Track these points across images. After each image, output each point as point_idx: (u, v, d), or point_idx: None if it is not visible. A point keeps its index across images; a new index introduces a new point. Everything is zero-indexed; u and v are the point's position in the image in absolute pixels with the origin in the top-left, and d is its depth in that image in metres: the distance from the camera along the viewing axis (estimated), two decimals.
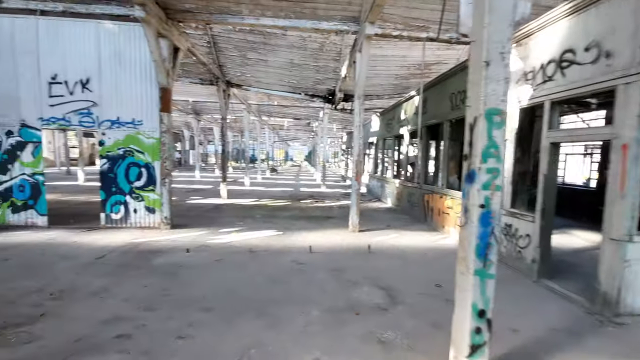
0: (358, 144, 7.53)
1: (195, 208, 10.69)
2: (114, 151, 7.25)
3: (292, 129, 36.20)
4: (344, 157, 27.53)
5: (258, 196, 14.31)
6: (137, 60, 7.19)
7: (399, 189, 11.55)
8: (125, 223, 7.40)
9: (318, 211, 10.73)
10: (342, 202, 13.13)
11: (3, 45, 6.95)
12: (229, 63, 11.69)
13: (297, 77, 12.15)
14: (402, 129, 11.18)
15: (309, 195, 15.00)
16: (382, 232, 7.79)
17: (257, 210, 10.48)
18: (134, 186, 7.33)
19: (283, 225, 8.30)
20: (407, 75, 12.20)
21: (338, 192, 17.08)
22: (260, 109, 22.52)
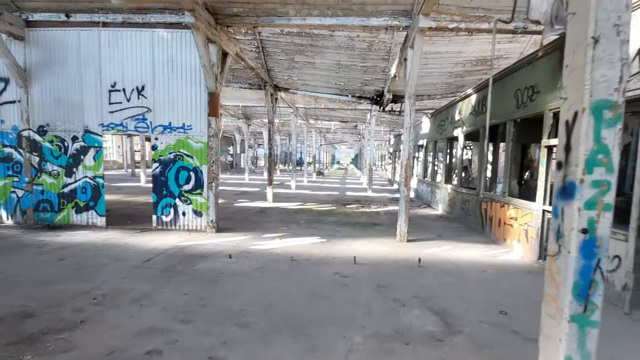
0: (408, 147, 7.02)
1: (241, 211, 10.79)
2: (166, 155, 7.47)
3: (339, 132, 35.98)
4: (391, 160, 26.68)
5: (303, 200, 14.20)
6: (188, 66, 7.35)
7: (452, 195, 10.73)
8: (174, 225, 7.58)
9: (364, 217, 10.30)
10: (389, 207, 12.55)
11: (70, 57, 7.48)
12: (276, 67, 11.71)
13: (344, 78, 11.85)
14: (456, 130, 10.38)
15: (355, 200, 14.59)
16: (433, 243, 7.18)
17: (302, 215, 10.31)
18: (183, 189, 7.49)
19: (327, 231, 8.00)
20: (462, 73, 11.35)
21: (385, 196, 16.45)
22: (307, 112, 22.58)
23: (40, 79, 7.59)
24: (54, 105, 7.61)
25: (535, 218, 5.95)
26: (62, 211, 7.75)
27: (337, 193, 17.60)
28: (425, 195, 14.52)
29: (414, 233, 7.96)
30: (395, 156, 23.94)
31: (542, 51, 5.49)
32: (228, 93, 18.40)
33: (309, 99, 18.03)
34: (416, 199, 15.64)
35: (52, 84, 7.57)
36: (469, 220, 9.06)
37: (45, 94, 7.60)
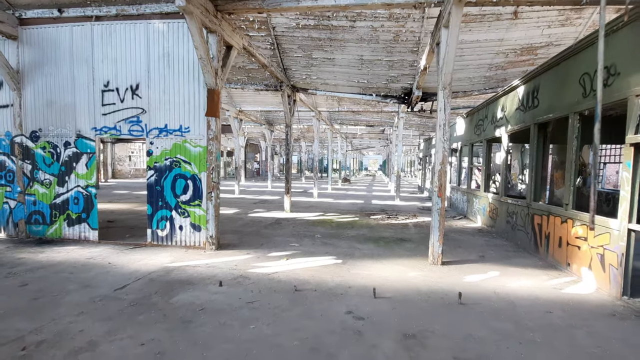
0: (442, 149, 5.74)
1: (254, 223, 9.83)
2: (161, 162, 6.63)
3: (366, 137, 34.67)
4: (421, 166, 25.03)
5: (324, 209, 13.07)
6: (185, 60, 6.50)
7: (493, 205, 9.21)
8: (170, 241, 6.69)
9: (390, 230, 9.01)
10: (418, 219, 11.15)
11: (63, 56, 6.87)
12: (293, 65, 10.76)
13: (367, 75, 10.69)
14: (498, 130, 8.91)
15: (381, 210, 13.27)
16: (474, 267, 5.81)
17: (319, 228, 9.18)
18: (180, 200, 6.60)
19: (344, 249, 6.82)
20: (503, 65, 9.87)
21: (414, 206, 14.99)
22: (331, 117, 21.55)
23: (33, 80, 7.02)
24: (47, 109, 7.01)
25: (617, 240, 4.48)
26: (54, 224, 7.09)
27: (362, 202, 16.33)
28: (460, 205, 12.96)
29: (450, 252, 6.61)
30: (426, 161, 22.33)
31: (628, 16, 4.09)
32: (248, 97, 17.76)
33: (331, 101, 17.01)
34: (450, 209, 14.07)
35: (45, 85, 6.98)
36: (517, 236, 7.55)
37: (38, 96, 7.03)
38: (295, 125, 24.41)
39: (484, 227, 9.88)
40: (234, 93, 16.97)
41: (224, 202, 14.83)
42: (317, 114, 17.17)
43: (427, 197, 19.72)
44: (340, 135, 28.82)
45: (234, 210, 12.13)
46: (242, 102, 18.14)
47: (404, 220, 10.78)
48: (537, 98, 6.83)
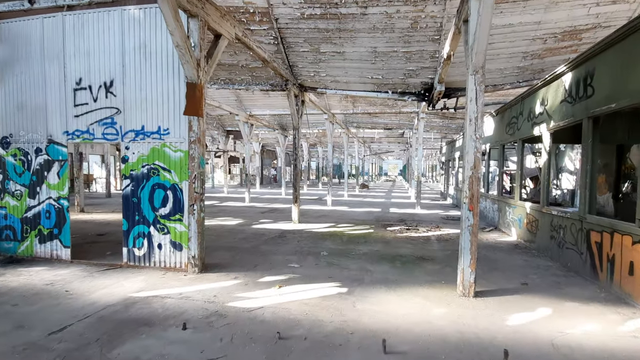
0: (473, 150, 4.52)
1: (255, 236, 8.81)
2: (138, 169, 5.72)
3: (384, 141, 33.33)
4: (443, 170, 23.48)
5: (336, 219, 11.93)
6: (164, 51, 5.60)
7: (533, 216, 7.81)
8: (148, 261, 5.75)
9: (408, 246, 7.77)
10: (442, 231, 9.83)
11: (34, 52, 6.12)
12: (299, 62, 9.77)
13: (382, 70, 9.55)
14: (536, 127, 7.55)
15: (399, 220, 11.99)
16: (517, 300, 4.53)
17: (327, 242, 8.05)
18: (158, 214, 5.66)
19: (353, 272, 5.67)
20: (541, 52, 8.51)
21: (437, 215, 13.60)
22: (346, 120, 20.47)
23: (4, 81, 6.31)
24: (18, 112, 6.27)
25: None
26: (25, 240, 6.30)
27: (379, 210, 15.07)
28: (489, 215, 11.51)
29: (484, 276, 5.34)
30: (448, 166, 20.81)
31: None
32: (258, 101, 16.94)
33: (346, 103, 15.93)
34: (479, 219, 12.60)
35: (16, 86, 6.25)
36: (566, 256, 6.17)
37: (9, 98, 6.30)
38: (309, 129, 23.47)
39: (520, 241, 8.46)
40: (243, 96, 16.19)
41: (231, 212, 13.95)
42: (330, 117, 16.12)
43: (451, 204, 18.20)
44: (357, 140, 27.66)
45: (237, 221, 11.18)
46: (252, 106, 17.34)
47: (426, 233, 9.48)
48: (590, 86, 5.50)
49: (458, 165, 17.77)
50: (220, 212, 13.47)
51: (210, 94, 15.33)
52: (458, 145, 17.52)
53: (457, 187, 17.70)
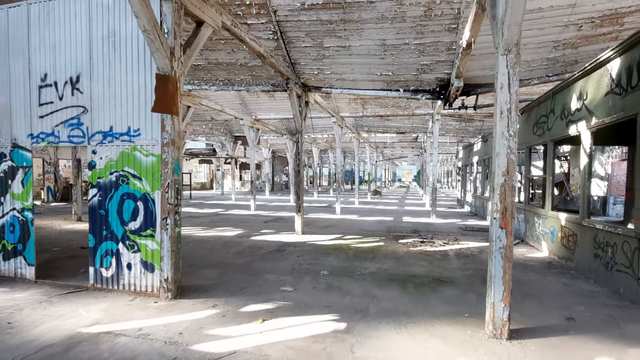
0: (506, 150, 3.54)
1: (252, 250, 7.95)
2: (106, 177, 4.95)
3: (397, 146, 32.22)
4: (460, 176, 22.23)
5: (344, 230, 10.98)
6: (135, 40, 4.84)
7: (569, 229, 6.71)
8: (116, 284, 4.94)
9: (423, 263, 6.76)
10: (461, 244, 8.75)
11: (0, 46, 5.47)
12: (302, 59, 8.97)
13: (392, 65, 8.64)
14: (572, 126, 6.48)
15: (413, 230, 10.95)
16: (565, 344, 3.50)
17: (330, 258, 7.12)
18: (128, 229, 4.86)
19: (356, 299, 4.73)
20: (574, 41, 7.45)
21: (454, 224, 12.48)
22: (357, 124, 19.57)
23: None
24: None
25: None
26: None
27: (392, 219, 14.03)
28: (514, 225, 10.35)
29: (517, 306, 4.31)
30: (465, 171, 19.61)
31: None
32: (263, 104, 16.22)
33: (355, 105, 15.05)
34: None
35: None
36: (618, 281, 5.06)
37: None
38: (319, 134, 22.64)
39: (554, 258, 7.33)
40: (248, 100, 15.51)
41: (233, 221, 13.17)
42: (339, 120, 15.24)
43: (468, 212, 16.99)
44: (368, 145, 26.67)
45: (237, 232, 10.36)
46: (257, 110, 16.64)
47: (443, 247, 8.43)
48: None
49: (476, 171, 16.59)
50: (222, 222, 12.71)
51: (212, 97, 14.71)
52: (476, 150, 16.37)
53: (475, 194, 16.50)
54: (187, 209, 17.02)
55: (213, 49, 9.22)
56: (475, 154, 16.39)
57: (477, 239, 9.69)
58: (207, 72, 10.29)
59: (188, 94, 11.62)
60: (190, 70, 10.36)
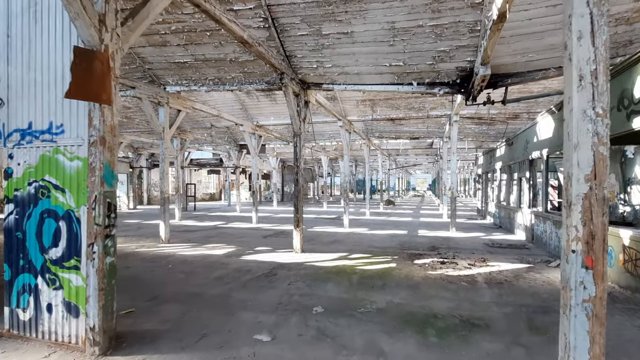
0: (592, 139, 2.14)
1: (236, 275, 6.66)
2: (24, 188, 3.77)
3: (411, 153, 30.66)
4: (480, 184, 20.54)
5: (351, 246, 9.59)
6: (60, 8, 3.69)
7: (636, 251, 5.17)
8: (34, 331, 3.70)
9: (446, 295, 5.32)
10: (491, 265, 7.23)
11: None
12: (298, 50, 7.77)
13: (403, 53, 7.33)
14: (637, 119, 5.01)
15: (430, 247, 9.46)
16: None
17: (329, 286, 5.75)
18: (48, 257, 3.64)
19: (355, 356, 3.35)
20: (629, 15, 6.01)
21: (477, 239, 10.91)
22: (367, 129, 18.24)
23: None
24: None
25: None
26: None
27: (405, 232, 12.54)
28: (551, 241, 8.77)
29: None
30: (487, 179, 17.97)
31: None
32: (265, 109, 15.05)
33: (363, 107, 13.74)
34: (532, 245, 9.82)
35: None
36: None
37: None
38: (328, 141, 21.37)
39: (614, 288, 5.76)
40: (248, 104, 14.41)
41: (229, 236, 11.94)
42: (346, 124, 13.95)
43: (491, 224, 15.32)
44: (380, 152, 25.25)
45: (227, 250, 9.10)
46: (259, 115, 15.52)
47: (469, 270, 6.95)
48: None
49: (499, 178, 14.97)
50: (217, 237, 11.49)
51: (211, 102, 13.67)
52: (499, 155, 14.80)
53: (498, 203, 14.84)
54: (186, 222, 15.94)
55: (198, 42, 8.13)
56: (498, 159, 14.81)
57: (509, 258, 8.15)
58: (195, 70, 9.20)
59: (178, 96, 10.58)
60: (177, 69, 9.31)
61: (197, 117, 16.49)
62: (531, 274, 6.78)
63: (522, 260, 7.98)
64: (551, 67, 7.06)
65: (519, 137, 11.84)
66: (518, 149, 11.93)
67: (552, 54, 6.86)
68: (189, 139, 18.09)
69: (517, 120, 14.95)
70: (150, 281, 6.25)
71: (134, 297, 5.32)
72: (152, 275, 6.64)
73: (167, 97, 10.08)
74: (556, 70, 7.06)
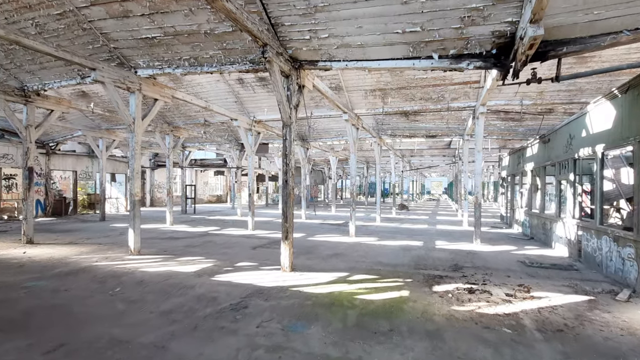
0: None
1: (191, 308, 4.99)
2: None
3: (426, 154, 28.64)
4: (504, 188, 18.44)
5: (354, 263, 7.84)
6: None
7: None
8: None
9: (485, 350, 3.53)
10: (536, 296, 5.33)
11: None
12: (285, 15, 6.12)
13: (421, 14, 5.55)
14: None
15: (453, 266, 7.61)
16: None
17: (312, 333, 4.03)
18: None
19: None
20: None
21: (508, 254, 8.99)
22: (378, 126, 16.44)
23: None
24: None
25: None
26: None
27: (421, 244, 10.69)
28: (605, 261, 6.81)
29: None
30: (513, 182, 15.92)
31: None
32: (261, 101, 13.33)
33: (373, 99, 11.97)
34: (580, 265, 7.84)
35: None
36: None
37: None
38: (337, 140, 19.61)
39: None
40: (243, 96, 12.81)
41: (214, 246, 10.34)
42: (353, 118, 12.19)
43: (521, 234, 13.29)
44: (393, 153, 23.37)
45: (202, 266, 7.47)
46: (256, 110, 13.91)
47: (509, 305, 5.10)
48: None
49: (531, 182, 12.93)
50: (199, 247, 9.90)
51: (203, 94, 12.15)
52: (530, 154, 12.78)
53: (529, 211, 12.80)
54: (177, 227, 14.47)
55: (165, 10, 6.58)
56: (529, 159, 12.79)
57: (556, 284, 6.26)
58: (167, 48, 7.65)
59: (154, 82, 9.04)
60: (146, 47, 7.77)
61: (189, 112, 15.03)
62: (597, 312, 4.89)
63: (576, 288, 6.07)
64: (624, 30, 5.17)
65: (559, 132, 9.86)
66: (557, 146, 9.94)
67: (625, 10, 4.97)
68: (183, 136, 16.66)
69: (551, 115, 12.93)
70: (78, 314, 4.67)
71: (31, 344, 3.73)
72: (86, 304, 5.05)
73: (140, 82, 8.56)
74: (631, 33, 5.16)
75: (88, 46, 7.96)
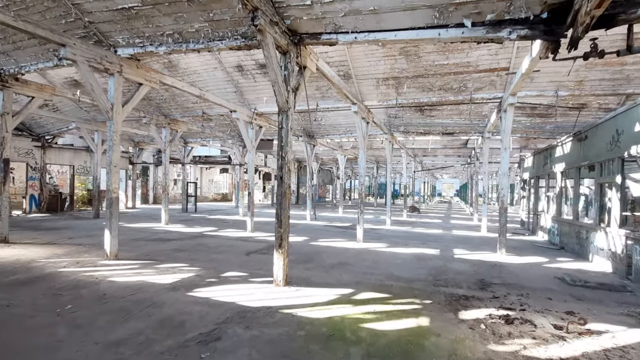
0: None
1: (153, 337, 3.88)
2: None
3: (440, 154, 27.22)
4: (526, 191, 17.02)
5: (361, 275, 6.66)
6: None
7: None
8: None
9: None
10: (594, 329, 4.07)
11: None
12: None
13: None
14: None
15: (478, 282, 6.36)
16: None
17: None
18: None
19: None
20: None
21: (540, 267, 7.68)
22: (390, 121, 15.19)
23: None
24: None
25: None
26: None
27: (437, 252, 9.44)
28: None
29: None
30: (537, 185, 14.54)
31: None
32: (262, 91, 12.26)
33: (386, 89, 10.76)
34: (630, 283, 6.50)
35: None
36: None
37: None
38: (345, 137, 18.40)
39: None
40: (243, 85, 11.70)
41: (204, 250, 9.26)
42: (363, 110, 10.99)
43: (547, 242, 11.91)
44: (405, 152, 22.05)
45: (182, 276, 6.37)
46: (257, 101, 12.80)
47: (562, 342, 3.86)
48: None
49: (560, 185, 11.54)
50: (187, 251, 8.83)
51: (199, 82, 11.11)
52: (559, 154, 11.42)
53: (558, 217, 11.41)
54: (171, 227, 13.47)
55: None
56: (559, 160, 11.43)
57: (612, 311, 4.99)
58: (147, 20, 6.57)
59: (138, 64, 7.98)
60: (124, 21, 6.70)
61: (186, 103, 14.00)
62: None
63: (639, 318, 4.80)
64: None
65: (600, 127, 8.52)
66: (598, 144, 8.59)
67: None
68: (181, 130, 15.66)
69: (584, 110, 11.52)
70: (3, 342, 3.60)
71: None
72: (22, 328, 3.98)
73: (120, 63, 7.51)
74: None
75: (61, 20, 6.94)
